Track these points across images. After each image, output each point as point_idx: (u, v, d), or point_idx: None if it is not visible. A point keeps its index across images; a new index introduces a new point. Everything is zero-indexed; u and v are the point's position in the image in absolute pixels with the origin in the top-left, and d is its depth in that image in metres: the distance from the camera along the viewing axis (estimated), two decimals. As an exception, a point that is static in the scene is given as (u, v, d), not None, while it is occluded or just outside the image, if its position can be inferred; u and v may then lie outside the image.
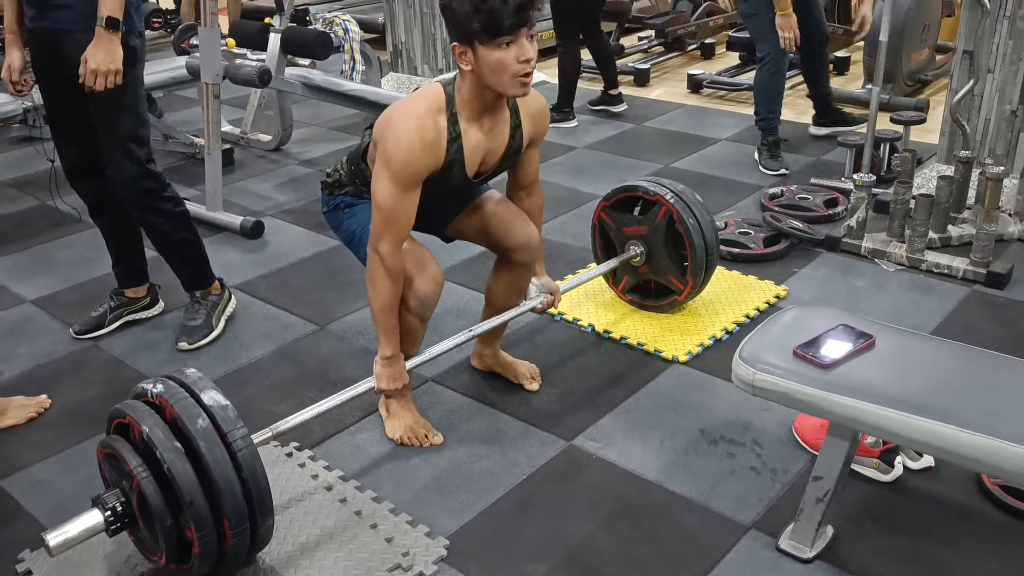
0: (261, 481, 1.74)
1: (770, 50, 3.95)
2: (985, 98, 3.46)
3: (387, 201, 1.99)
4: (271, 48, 3.97)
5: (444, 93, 2.01)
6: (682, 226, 2.64)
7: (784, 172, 4.02)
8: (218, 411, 1.73)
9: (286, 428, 2.01)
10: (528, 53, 1.89)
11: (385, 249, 2.02)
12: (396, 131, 1.96)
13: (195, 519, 1.66)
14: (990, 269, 2.94)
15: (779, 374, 1.65)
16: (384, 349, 2.11)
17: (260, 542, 1.80)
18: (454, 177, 2.07)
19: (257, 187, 4.21)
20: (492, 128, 2.08)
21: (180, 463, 1.66)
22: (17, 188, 4.30)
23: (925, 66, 5.21)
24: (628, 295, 2.88)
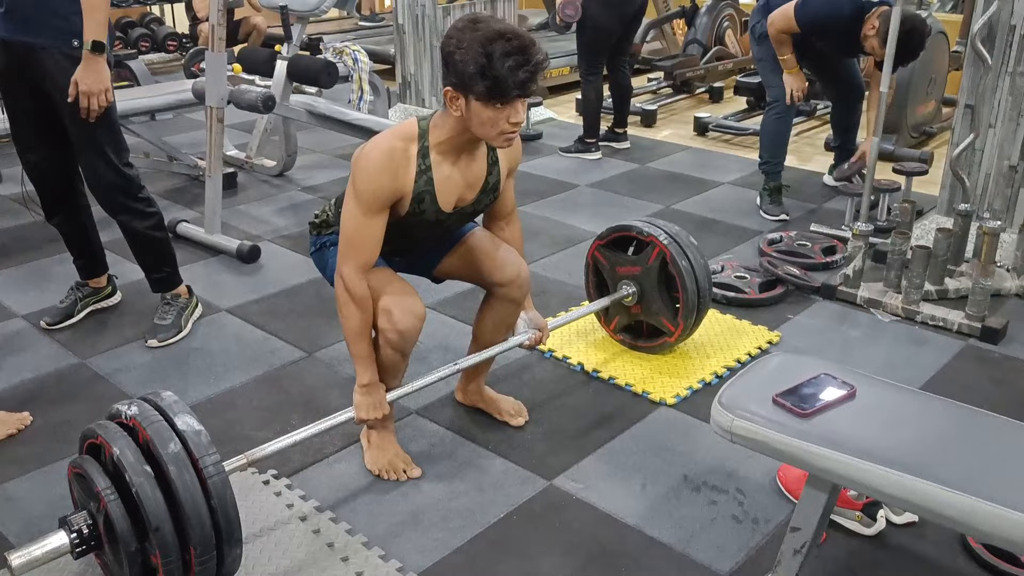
0: (230, 510, 1.71)
1: (778, 96, 3.97)
2: (986, 153, 3.46)
3: (350, 222, 2.00)
4: (277, 75, 4.00)
5: (418, 127, 2.02)
6: (675, 268, 2.63)
7: (784, 218, 4.01)
8: (191, 436, 1.71)
9: (261, 456, 1.99)
10: (520, 117, 1.92)
11: (348, 273, 2.01)
12: (365, 156, 1.99)
13: (160, 546, 1.64)
14: (985, 324, 2.92)
15: (757, 421, 1.63)
16: (361, 377, 2.09)
17: (226, 572, 1.77)
18: (427, 212, 2.06)
19: (257, 211, 4.22)
20: (469, 164, 2.08)
21: (149, 487, 1.64)
22: (16, 203, 4.30)
23: (931, 119, 5.22)
24: (619, 334, 2.86)
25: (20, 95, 2.75)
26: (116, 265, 3.35)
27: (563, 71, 6.53)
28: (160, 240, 2.98)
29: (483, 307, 2.41)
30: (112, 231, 3.42)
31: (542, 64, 1.88)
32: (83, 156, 2.77)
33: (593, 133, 5.01)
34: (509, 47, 1.83)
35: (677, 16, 6.91)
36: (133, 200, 2.86)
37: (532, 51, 1.85)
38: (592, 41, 4.79)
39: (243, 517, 2.08)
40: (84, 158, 2.77)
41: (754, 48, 4.09)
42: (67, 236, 3.08)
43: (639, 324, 2.83)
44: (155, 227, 2.94)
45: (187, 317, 3.04)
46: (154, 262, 3.01)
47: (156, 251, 2.99)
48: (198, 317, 3.11)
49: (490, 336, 2.41)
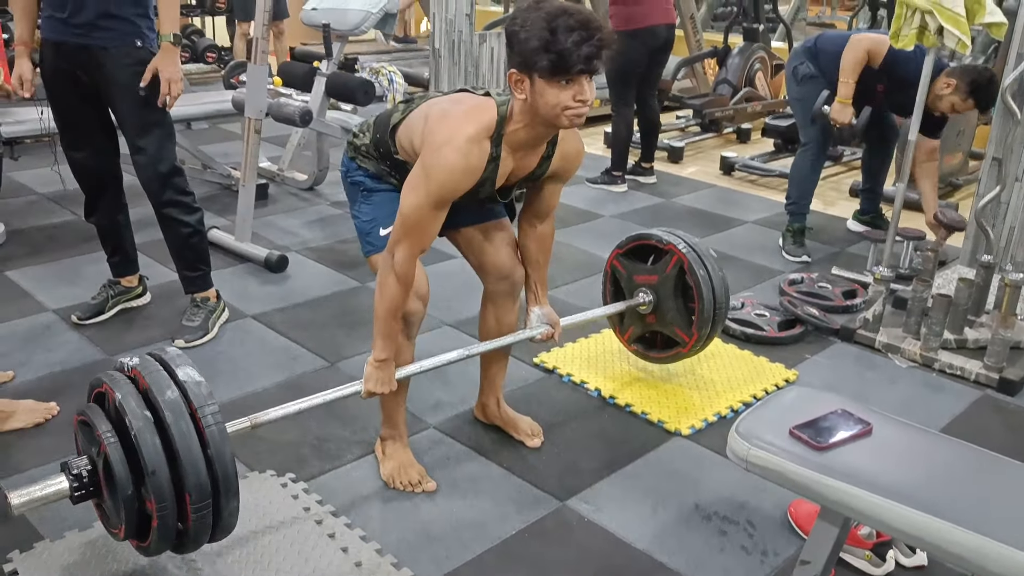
0: (228, 462, 1.70)
1: (813, 138, 4.01)
2: (1011, 206, 3.48)
3: (415, 212, 1.99)
4: (315, 91, 4.09)
5: (496, 114, 1.99)
6: (692, 277, 2.62)
7: (806, 260, 4.04)
8: (191, 387, 1.71)
9: (265, 420, 2.01)
10: (586, 94, 1.89)
11: (401, 257, 2.02)
12: (442, 153, 1.94)
13: (155, 491, 1.64)
14: (1003, 375, 2.92)
15: (774, 452, 1.65)
16: (379, 352, 2.11)
17: (223, 527, 1.76)
18: (483, 192, 2.09)
19: (286, 223, 4.30)
20: (526, 155, 2.09)
21: (148, 432, 1.64)
22: (55, 202, 4.42)
23: (958, 170, 5.25)
24: (633, 344, 2.86)
25: (70, 96, 2.86)
26: (147, 267, 3.42)
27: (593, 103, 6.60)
28: (201, 237, 3.09)
29: (482, 310, 2.46)
30: (145, 233, 3.51)
31: (607, 40, 1.86)
32: (145, 145, 2.88)
33: (620, 166, 5.07)
34: (572, 22, 1.83)
35: (709, 56, 6.98)
36: (182, 194, 2.98)
37: (596, 26, 1.85)
38: (618, 73, 4.86)
39: (261, 517, 2.14)
40: (146, 147, 2.88)
41: (793, 88, 4.09)
42: (103, 233, 3.16)
43: (653, 335, 2.82)
44: (198, 223, 3.05)
45: (214, 321, 3.10)
46: (192, 259, 3.09)
47: (195, 248, 3.08)
48: (224, 321, 3.17)
49: (494, 336, 2.45)
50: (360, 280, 3.61)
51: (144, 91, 2.78)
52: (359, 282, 3.60)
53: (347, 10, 4.43)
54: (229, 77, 4.83)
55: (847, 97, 3.78)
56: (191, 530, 1.70)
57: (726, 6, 8.57)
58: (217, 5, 7.49)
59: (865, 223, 4.48)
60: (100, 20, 2.71)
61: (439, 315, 3.23)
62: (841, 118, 3.81)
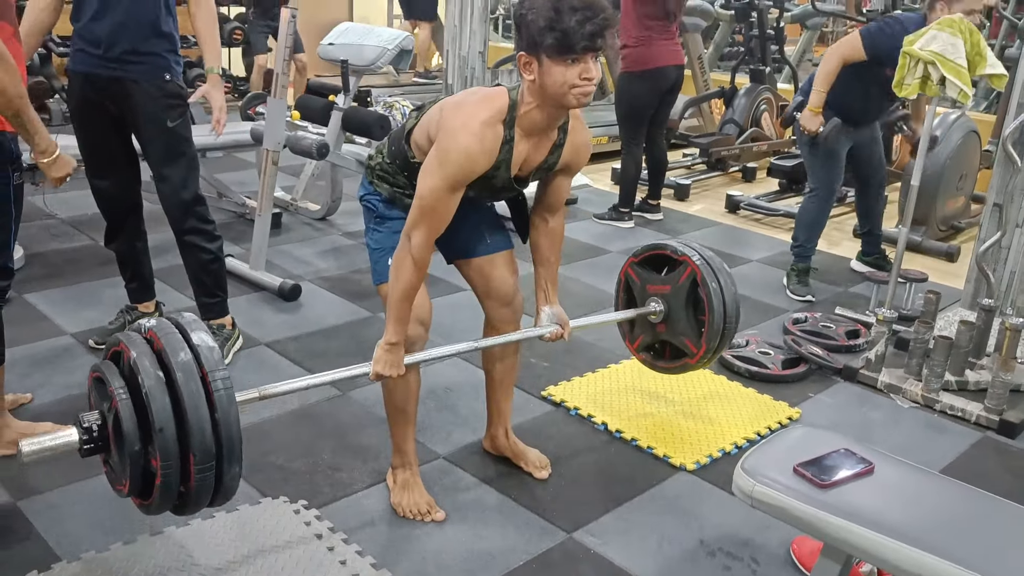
0: (233, 427, 1.73)
1: (821, 183, 4.09)
2: (1012, 250, 3.55)
3: (431, 196, 2.05)
4: (332, 124, 4.18)
5: (508, 99, 2.08)
6: (704, 289, 2.61)
7: (811, 299, 4.10)
8: (204, 351, 1.75)
9: (273, 392, 2.03)
10: (591, 72, 1.96)
11: (417, 240, 2.08)
12: (457, 136, 2.02)
13: (161, 448, 1.66)
14: (1003, 417, 2.97)
15: (778, 488, 1.70)
16: (390, 335, 2.14)
17: (225, 491, 1.79)
18: (498, 177, 2.14)
19: (300, 252, 4.37)
20: (540, 142, 2.16)
21: (158, 390, 1.67)
22: (73, 227, 4.50)
23: (960, 214, 5.33)
24: (641, 353, 2.83)
25: (97, 125, 2.95)
26: (163, 294, 3.49)
27: (601, 140, 6.71)
28: (220, 264, 3.16)
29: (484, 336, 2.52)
30: (162, 260, 3.59)
31: (609, 19, 1.94)
32: (170, 174, 2.98)
33: (628, 203, 5.16)
34: (576, 3, 1.92)
35: (716, 96, 7.09)
36: (204, 222, 3.07)
37: (599, 7, 1.94)
38: (629, 114, 4.97)
39: (274, 542, 2.18)
40: (171, 176, 2.98)
41: (801, 141, 4.14)
42: (122, 259, 3.23)
43: (662, 345, 2.80)
44: (218, 250, 3.14)
45: (229, 348, 3.17)
46: (211, 286, 3.16)
47: (214, 275, 3.15)
48: (239, 348, 3.23)
49: (498, 363, 2.53)
50: (372, 310, 3.68)
51: (173, 122, 2.87)
52: (371, 312, 3.66)
53: (364, 46, 4.54)
54: (246, 108, 4.92)
55: (817, 106, 3.88)
56: (192, 491, 1.72)
57: (733, 47, 8.72)
58: (234, 37, 7.63)
59: (868, 264, 4.55)
60: (132, 55, 2.81)
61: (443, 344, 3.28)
62: (809, 126, 3.91)
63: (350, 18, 9.34)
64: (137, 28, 2.81)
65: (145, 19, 2.82)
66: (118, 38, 2.80)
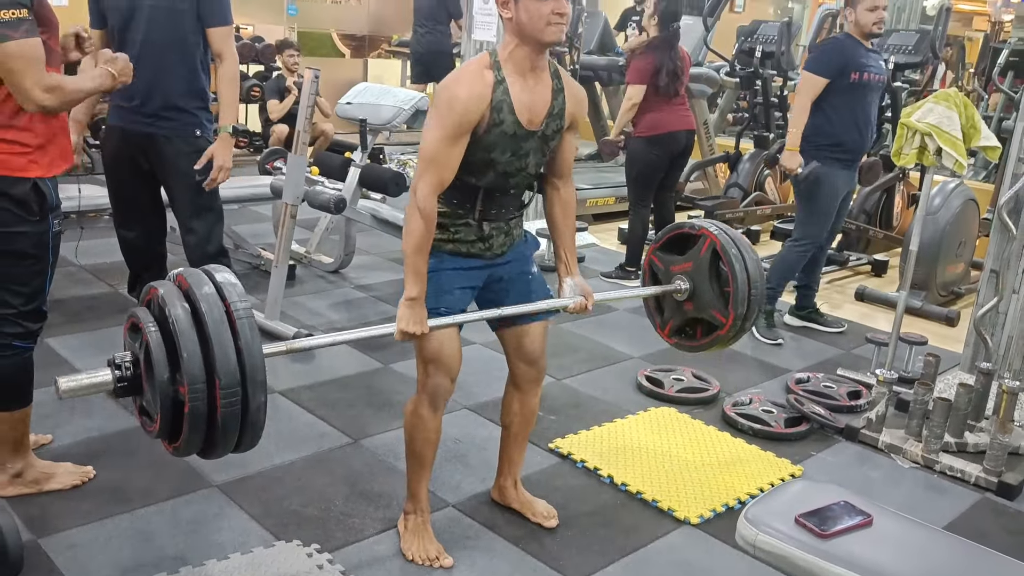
0: (256, 354, 1.79)
1: (810, 234, 4.28)
2: (1009, 316, 3.64)
3: (430, 146, 2.16)
4: (349, 180, 4.32)
5: (488, 53, 2.25)
6: (725, 256, 2.64)
7: (780, 342, 4.29)
8: (226, 286, 1.84)
9: (299, 347, 2.10)
10: (563, 7, 2.13)
11: (423, 191, 2.17)
12: (449, 87, 2.18)
13: (188, 372, 1.73)
14: (1001, 479, 3.03)
15: (780, 538, 1.77)
16: (410, 290, 2.19)
17: (252, 424, 1.83)
18: (506, 122, 2.20)
19: (313, 304, 4.47)
20: (535, 85, 2.25)
21: (184, 319, 1.76)
22: (92, 274, 4.61)
23: (960, 279, 5.43)
24: (673, 337, 2.85)
25: (128, 179, 3.09)
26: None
27: (608, 200, 6.86)
28: None
29: (506, 394, 2.60)
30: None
31: None
32: (196, 227, 3.12)
33: (635, 262, 5.27)
34: None
35: (721, 160, 7.26)
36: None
37: None
38: (640, 176, 5.11)
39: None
40: (197, 228, 3.12)
41: (799, 188, 4.33)
42: None
43: (693, 325, 2.82)
44: None
45: None
46: None
47: None
48: None
49: (517, 416, 2.59)
50: (384, 362, 3.76)
51: (200, 177, 3.00)
52: (383, 363, 3.75)
53: (381, 106, 4.71)
54: (264, 163, 5.07)
55: (794, 145, 4.13)
56: (220, 421, 1.77)
57: (737, 113, 8.94)
58: (252, 93, 7.85)
59: (802, 318, 4.68)
60: (165, 111, 2.96)
61: (459, 398, 3.36)
62: (790, 164, 4.14)
63: (365, 79, 9.59)
64: (172, 85, 2.97)
65: (180, 77, 2.98)
66: (153, 94, 2.95)
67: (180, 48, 2.99)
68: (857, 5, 4.02)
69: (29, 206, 2.34)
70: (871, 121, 4.23)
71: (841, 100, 4.09)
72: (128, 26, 2.96)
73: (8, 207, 2.31)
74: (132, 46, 2.95)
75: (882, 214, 6.13)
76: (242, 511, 2.60)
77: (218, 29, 3.04)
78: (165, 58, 2.97)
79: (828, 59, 4.08)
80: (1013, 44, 6.07)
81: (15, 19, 2.16)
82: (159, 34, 2.96)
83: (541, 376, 2.57)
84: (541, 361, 2.54)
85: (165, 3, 2.96)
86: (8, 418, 2.49)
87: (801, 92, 4.15)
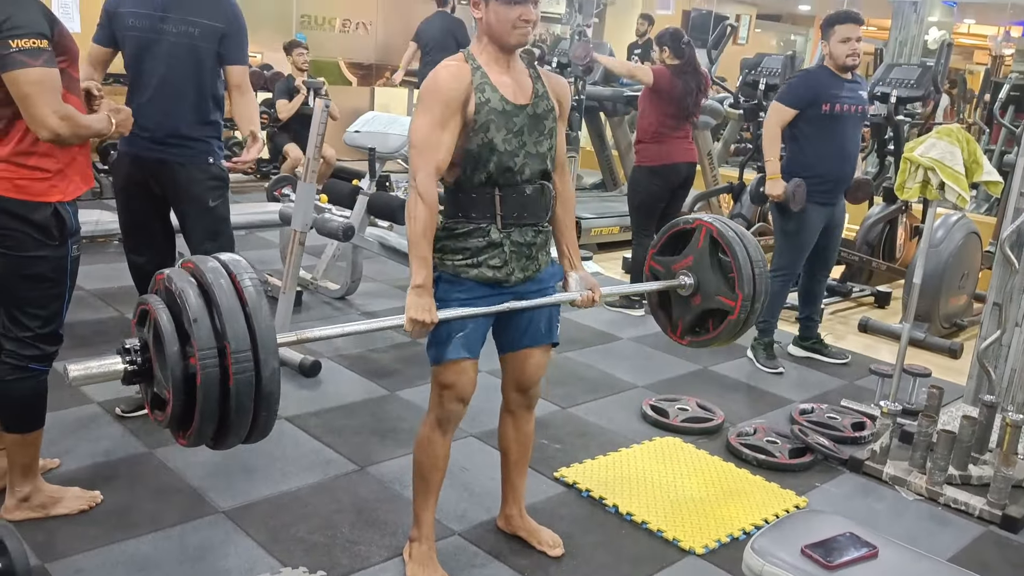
0: (265, 319, 1.78)
1: (786, 264, 4.38)
2: (1012, 348, 3.66)
3: (420, 131, 2.21)
4: (358, 208, 4.36)
5: (463, 53, 2.32)
6: (722, 240, 2.68)
7: (781, 371, 4.34)
8: (230, 261, 1.85)
9: (310, 336, 2.09)
10: (529, 14, 2.23)
11: (421, 177, 2.20)
12: (428, 81, 2.24)
13: (198, 338, 1.72)
14: (1005, 512, 3.04)
15: (786, 569, 1.78)
16: (416, 277, 2.20)
17: (266, 393, 1.79)
18: (492, 100, 2.24)
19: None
20: (513, 74, 2.31)
21: (190, 290, 1.77)
22: (100, 299, 4.64)
23: (963, 312, 5.45)
24: (687, 338, 2.85)
25: (140, 205, 3.14)
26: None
27: (612, 230, 6.90)
28: None
29: (501, 421, 2.63)
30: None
31: None
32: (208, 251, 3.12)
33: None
34: None
35: (724, 191, 7.31)
36: None
37: None
38: (642, 205, 5.15)
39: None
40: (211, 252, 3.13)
41: (777, 218, 4.43)
42: None
43: (703, 319, 2.82)
44: None
45: None
46: None
47: None
48: None
49: (515, 443, 2.61)
50: (390, 389, 3.78)
51: (214, 202, 3.05)
52: (389, 391, 3.77)
53: (388, 134, 4.78)
54: (272, 190, 5.12)
55: (773, 173, 4.24)
56: (234, 391, 1.74)
57: (740, 143, 9.01)
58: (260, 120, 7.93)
59: (807, 348, 4.72)
60: (178, 139, 3.01)
61: (465, 425, 3.36)
62: (774, 191, 4.24)
63: (372, 107, 9.69)
64: (186, 116, 3.03)
65: (195, 108, 3.04)
66: (167, 124, 3.00)
67: (197, 82, 3.05)
68: (831, 37, 4.13)
69: (49, 231, 2.38)
70: (851, 152, 4.32)
71: (814, 131, 4.20)
72: (145, 56, 3.02)
73: (29, 232, 2.35)
74: (150, 76, 3.01)
75: (885, 246, 6.16)
76: (248, 537, 2.61)
77: (237, 67, 3.09)
78: (182, 91, 3.02)
79: (796, 91, 4.22)
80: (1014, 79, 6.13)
81: (35, 48, 2.22)
82: (178, 68, 3.02)
83: (533, 403, 2.60)
84: (535, 389, 2.56)
85: (186, 39, 3.01)
86: (20, 440, 2.52)
87: (768, 121, 4.29)
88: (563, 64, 7.20)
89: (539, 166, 2.35)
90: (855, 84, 4.24)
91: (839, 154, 4.26)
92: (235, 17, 3.08)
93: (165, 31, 3.00)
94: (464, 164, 2.26)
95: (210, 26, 3.02)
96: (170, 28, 3.00)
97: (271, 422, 1.88)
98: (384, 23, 9.74)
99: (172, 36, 3.01)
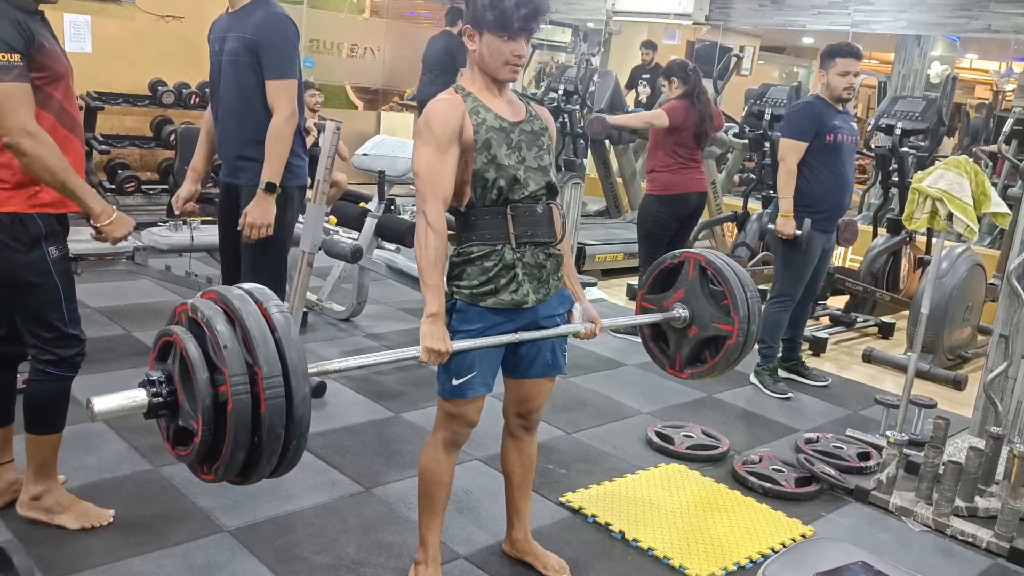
0: (295, 343, 1.76)
1: (788, 292, 4.45)
2: (1018, 381, 3.66)
3: (422, 162, 2.22)
4: (366, 230, 4.38)
5: (453, 87, 2.34)
6: (711, 268, 2.73)
7: (789, 396, 4.38)
8: (256, 290, 1.85)
9: (330, 368, 2.09)
10: (521, 51, 2.27)
11: (429, 210, 2.21)
12: (425, 112, 2.27)
13: (229, 363, 1.69)
14: (1013, 545, 3.02)
15: (799, 596, 1.78)
16: (430, 306, 2.21)
17: (298, 418, 1.75)
18: (488, 119, 2.27)
19: (324, 351, 4.50)
20: (503, 97, 2.34)
21: (218, 318, 1.75)
22: (106, 316, 4.64)
23: (967, 343, 5.45)
24: (687, 369, 2.86)
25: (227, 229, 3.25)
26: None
27: (616, 256, 6.92)
28: None
29: (504, 445, 2.63)
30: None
31: (541, 6, 2.23)
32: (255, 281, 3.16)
33: None
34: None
35: (729, 220, 7.34)
36: None
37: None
38: (650, 233, 5.18)
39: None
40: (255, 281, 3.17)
41: (779, 246, 4.45)
42: None
43: (701, 349, 2.83)
44: None
45: None
46: None
47: None
48: None
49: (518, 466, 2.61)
50: (395, 411, 3.78)
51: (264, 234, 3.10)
52: (394, 412, 3.76)
53: (397, 158, 4.82)
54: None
55: (787, 211, 4.27)
56: (266, 417, 1.70)
57: (744, 173, 9.05)
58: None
59: (788, 369, 4.75)
60: (239, 161, 3.08)
61: (470, 449, 3.37)
62: (786, 230, 4.27)
63: (378, 131, 9.75)
64: (242, 135, 3.08)
65: (249, 127, 3.08)
66: (229, 146, 3.07)
67: (246, 100, 3.06)
68: (829, 69, 4.18)
69: (16, 236, 2.38)
70: (849, 181, 4.39)
71: (817, 161, 4.26)
72: (215, 80, 3.14)
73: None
74: (217, 100, 3.12)
75: (889, 277, 6.17)
76: (254, 557, 2.60)
77: (273, 82, 3.02)
78: (236, 109, 3.08)
79: (802, 124, 4.25)
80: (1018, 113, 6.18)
81: (5, 63, 2.25)
82: (230, 87, 3.08)
83: (534, 426, 2.60)
84: (536, 415, 2.58)
85: (231, 56, 3.05)
86: (35, 440, 2.56)
87: (785, 159, 4.29)
88: (568, 92, 7.27)
89: (543, 179, 2.37)
90: (846, 115, 4.34)
91: (839, 183, 4.33)
92: (269, 28, 3.01)
93: (224, 51, 3.06)
94: (474, 185, 2.28)
95: (244, 38, 3.02)
96: (227, 47, 3.05)
97: (301, 450, 1.84)
98: (392, 48, 9.83)
99: (225, 55, 3.06)
